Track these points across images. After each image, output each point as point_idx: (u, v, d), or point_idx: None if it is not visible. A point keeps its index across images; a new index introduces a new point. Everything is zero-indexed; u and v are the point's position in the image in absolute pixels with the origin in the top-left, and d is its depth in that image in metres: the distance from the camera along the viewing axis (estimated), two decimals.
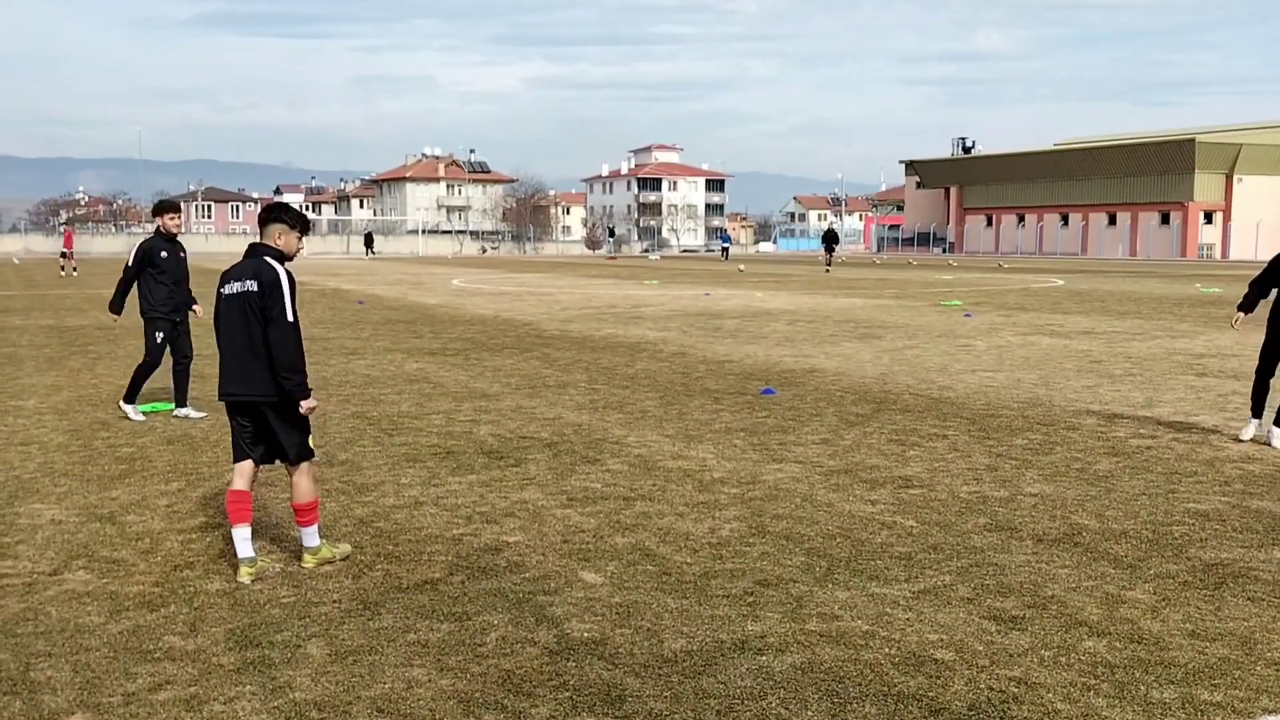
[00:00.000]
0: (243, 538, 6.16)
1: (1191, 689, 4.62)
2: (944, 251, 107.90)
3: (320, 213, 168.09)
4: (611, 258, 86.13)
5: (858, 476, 8.54)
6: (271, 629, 5.35)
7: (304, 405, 6.25)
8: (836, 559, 6.44)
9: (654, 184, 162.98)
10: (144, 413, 11.45)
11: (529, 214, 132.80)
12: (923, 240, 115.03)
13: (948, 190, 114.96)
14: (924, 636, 5.21)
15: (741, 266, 48.87)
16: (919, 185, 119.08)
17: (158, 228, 11.29)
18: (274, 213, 6.42)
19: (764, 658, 4.97)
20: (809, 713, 4.43)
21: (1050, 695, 4.57)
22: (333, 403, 12.21)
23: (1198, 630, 5.28)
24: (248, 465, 6.38)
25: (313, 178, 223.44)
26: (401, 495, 7.99)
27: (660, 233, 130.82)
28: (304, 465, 6.39)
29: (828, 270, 51.79)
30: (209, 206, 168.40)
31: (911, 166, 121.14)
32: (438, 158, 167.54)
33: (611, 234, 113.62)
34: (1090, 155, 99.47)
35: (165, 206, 11.45)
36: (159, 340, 11.26)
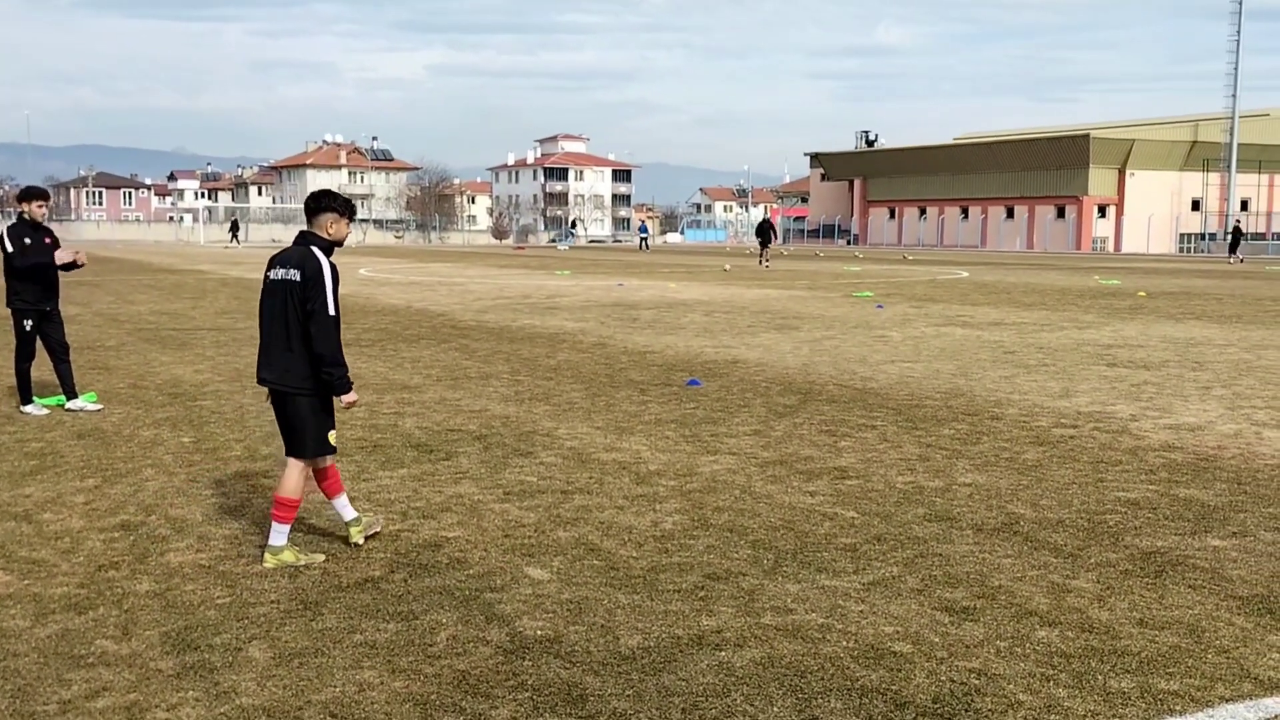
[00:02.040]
0: (341, 505, 6.43)
1: (1148, 678, 4.67)
2: (849, 243, 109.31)
3: (216, 200, 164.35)
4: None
5: (793, 468, 8.53)
6: (209, 631, 5.14)
7: (345, 399, 6.22)
8: (783, 551, 6.41)
9: (560, 174, 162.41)
10: (47, 405, 10.99)
11: (434, 203, 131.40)
12: (828, 232, 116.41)
13: (852, 183, 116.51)
14: (880, 629, 5.20)
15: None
16: (824, 177, 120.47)
17: (21, 214, 10.79)
18: (323, 201, 6.29)
19: (723, 653, 4.91)
20: (774, 709, 4.38)
21: (1011, 686, 4.58)
22: (248, 395, 11.86)
23: (1145, 619, 5.35)
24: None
25: (208, 164, 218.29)
26: None
27: (569, 222, 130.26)
28: (300, 463, 6.27)
29: (765, 265, 46.47)
30: (100, 193, 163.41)
31: (816, 159, 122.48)
32: (339, 145, 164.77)
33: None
34: (989, 150, 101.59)
35: (34, 193, 10.97)
36: (28, 328, 10.77)
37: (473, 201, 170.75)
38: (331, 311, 6.06)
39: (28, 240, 10.68)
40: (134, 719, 4.25)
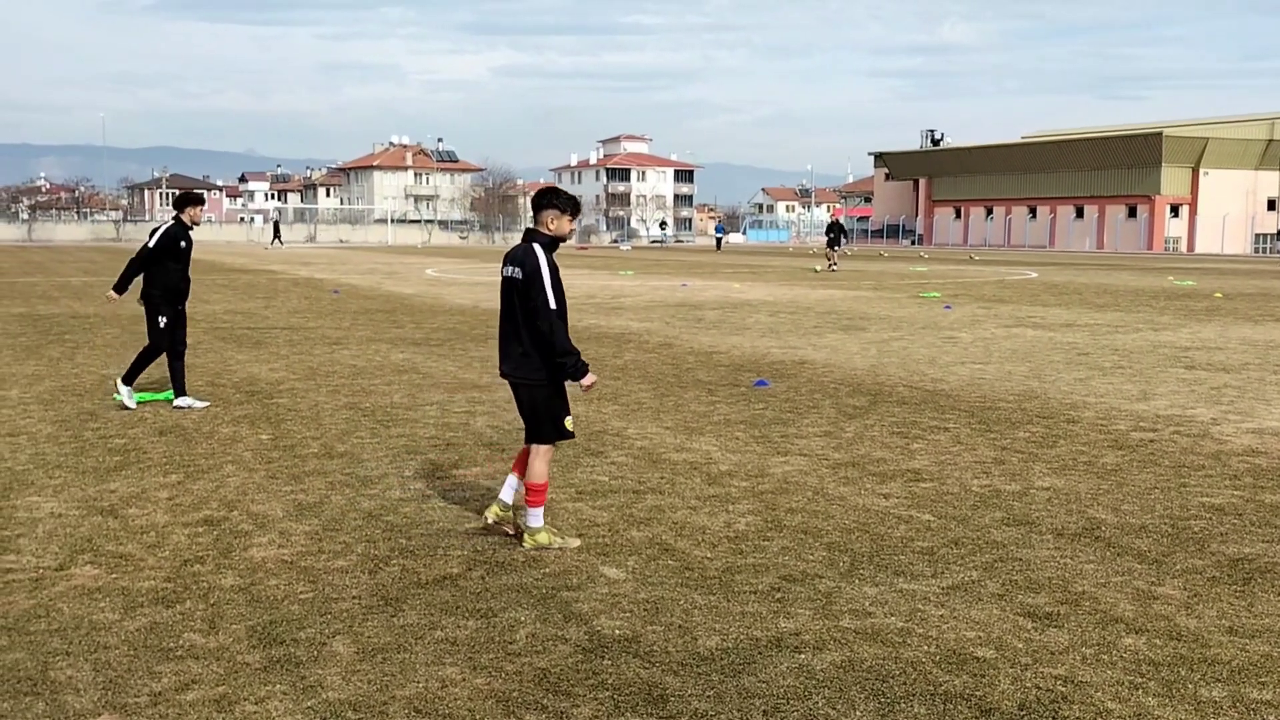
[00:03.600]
0: (508, 485, 6.66)
1: (1239, 687, 4.57)
2: (913, 243, 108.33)
3: (286, 201, 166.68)
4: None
5: (866, 470, 8.47)
6: (293, 626, 5.21)
7: (583, 383, 6.39)
8: (859, 554, 6.36)
9: (623, 174, 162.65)
10: (139, 401, 11.23)
11: (497, 203, 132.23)
12: (892, 232, 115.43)
13: (916, 182, 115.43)
14: (961, 634, 5.14)
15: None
16: (888, 177, 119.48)
17: (177, 217, 11.13)
18: (546, 198, 6.52)
19: (803, 656, 4.88)
20: (856, 713, 4.35)
21: (1099, 694, 4.51)
22: (323, 393, 12.03)
23: (1234, 627, 5.24)
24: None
25: (278, 165, 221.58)
26: (407, 488, 7.85)
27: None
28: (542, 448, 6.49)
29: (833, 268, 44.22)
30: (173, 194, 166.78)
31: (880, 158, 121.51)
32: (405, 146, 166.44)
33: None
34: (1058, 148, 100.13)
35: (195, 199, 11.39)
36: (162, 326, 11.03)
37: None
38: (553, 304, 6.28)
39: (183, 244, 11.11)
40: (223, 711, 4.32)
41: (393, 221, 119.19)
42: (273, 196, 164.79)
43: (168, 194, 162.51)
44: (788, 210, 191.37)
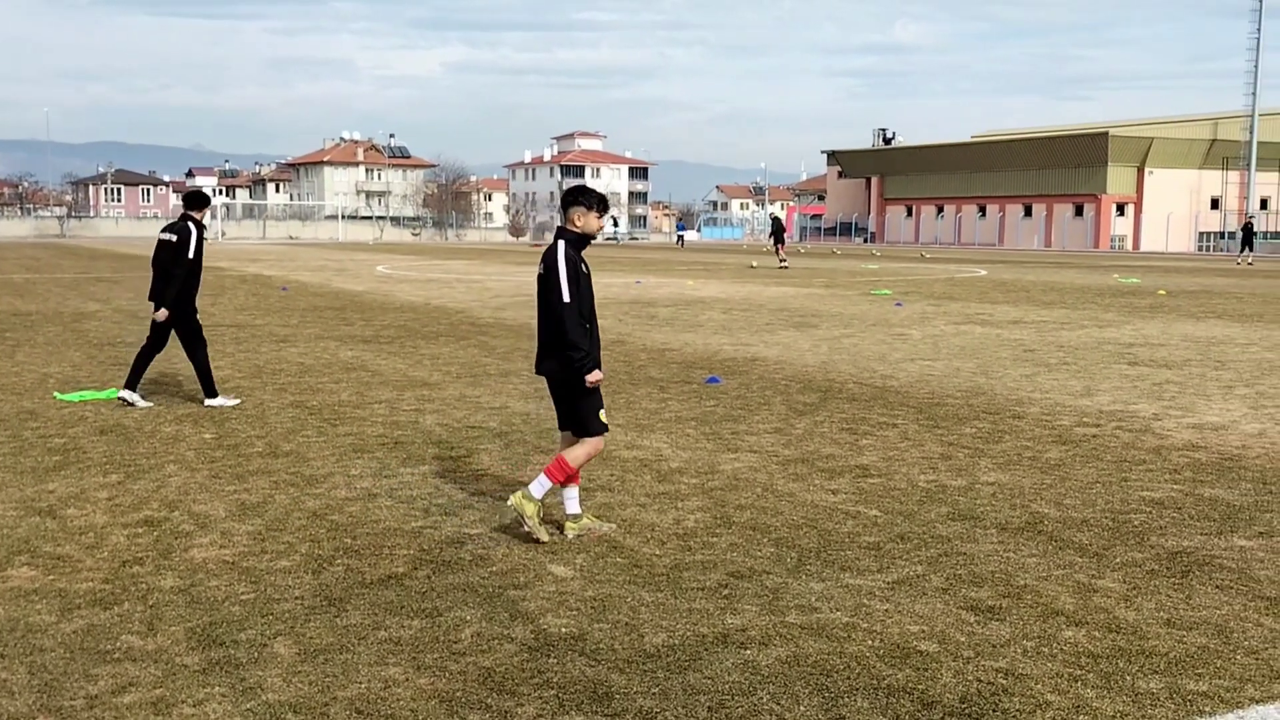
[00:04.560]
0: (570, 497, 6.67)
1: (1176, 679, 4.63)
2: (866, 241, 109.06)
3: (234, 197, 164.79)
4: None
5: (815, 466, 8.50)
6: (234, 627, 5.14)
7: (589, 379, 6.44)
8: (806, 549, 6.39)
9: (577, 171, 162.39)
10: (70, 401, 11.05)
11: (451, 200, 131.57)
12: (844, 230, 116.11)
13: (869, 180, 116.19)
14: (905, 628, 5.17)
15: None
16: (841, 175, 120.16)
17: (192, 218, 10.91)
18: (573, 195, 6.63)
19: (748, 651, 4.89)
20: (801, 708, 4.36)
21: (1039, 686, 4.55)
22: (269, 391, 11.90)
23: (1173, 619, 5.31)
24: (568, 434, 6.73)
25: (226, 161, 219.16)
26: (353, 487, 7.78)
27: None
28: (589, 440, 6.56)
29: (783, 265, 44.65)
30: (119, 190, 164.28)
31: (833, 156, 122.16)
32: (356, 142, 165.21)
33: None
34: (1007, 148, 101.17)
35: (206, 199, 11.25)
36: (162, 323, 10.94)
37: (489, 199, 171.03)
38: (566, 298, 6.36)
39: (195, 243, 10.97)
40: (161, 714, 4.26)
41: (344, 218, 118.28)
42: (221, 192, 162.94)
43: (112, 189, 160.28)
44: (742, 208, 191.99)
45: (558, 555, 6.27)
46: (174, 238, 10.80)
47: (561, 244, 6.53)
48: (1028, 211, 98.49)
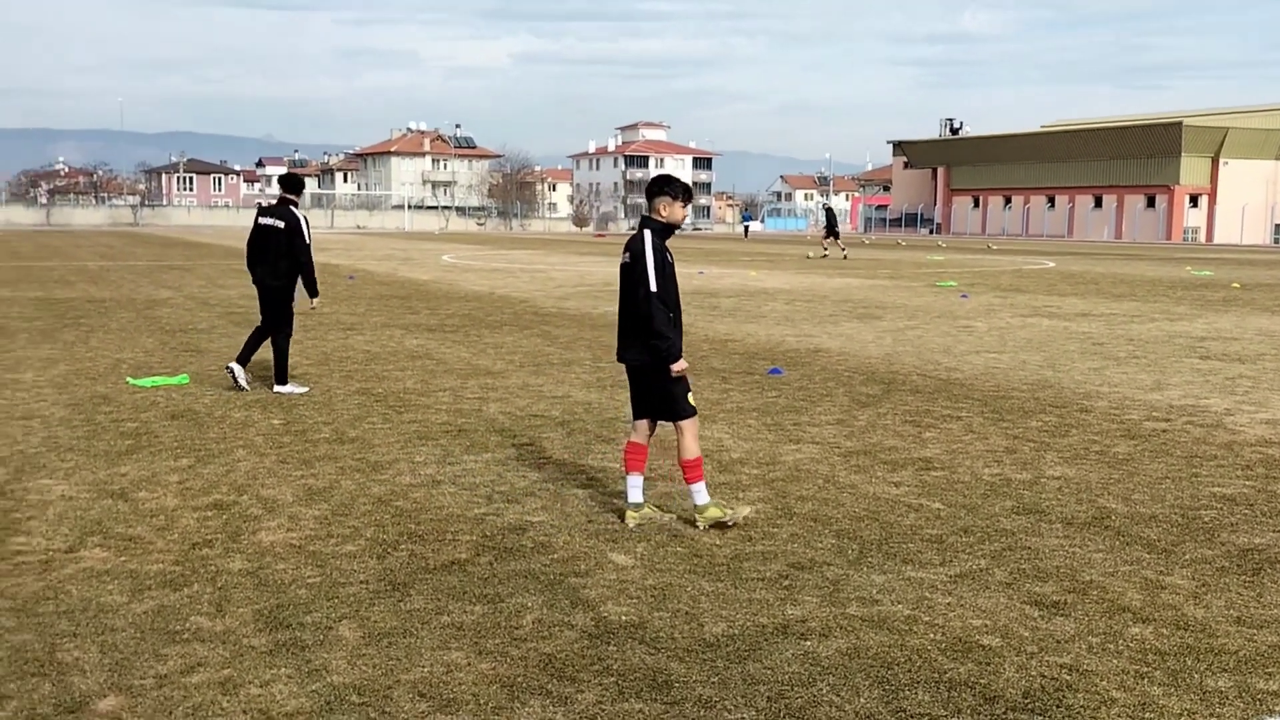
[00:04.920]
0: (634, 485, 6.68)
1: (1246, 677, 4.54)
2: (931, 232, 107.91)
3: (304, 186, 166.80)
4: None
5: (877, 458, 8.45)
6: (300, 610, 5.23)
7: (674, 368, 6.48)
8: (868, 542, 6.35)
9: (641, 161, 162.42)
10: (143, 386, 11.27)
11: (516, 190, 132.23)
12: (910, 221, 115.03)
13: (935, 171, 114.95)
14: (968, 622, 5.13)
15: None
16: (906, 166, 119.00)
17: (295, 202, 11.17)
18: (658, 185, 6.65)
19: (808, 643, 4.88)
20: (861, 700, 4.34)
21: (1104, 683, 4.49)
22: (336, 379, 12.06)
23: (1243, 617, 5.21)
24: (643, 422, 6.80)
25: (295, 151, 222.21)
26: (418, 474, 7.86)
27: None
28: (685, 423, 6.58)
29: (825, 254, 44.21)
30: (190, 179, 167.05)
31: (899, 147, 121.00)
32: (423, 132, 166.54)
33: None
34: (1077, 138, 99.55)
35: (304, 184, 11.52)
36: (288, 307, 11.28)
37: (554, 189, 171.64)
38: (653, 286, 6.39)
39: None
40: (228, 694, 4.34)
41: (410, 207, 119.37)
42: None
43: (184, 178, 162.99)
44: (806, 198, 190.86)
45: (618, 544, 6.29)
46: (281, 224, 11.00)
47: (647, 233, 6.55)
48: (1098, 203, 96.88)
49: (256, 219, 11.26)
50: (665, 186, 6.64)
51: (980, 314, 20.41)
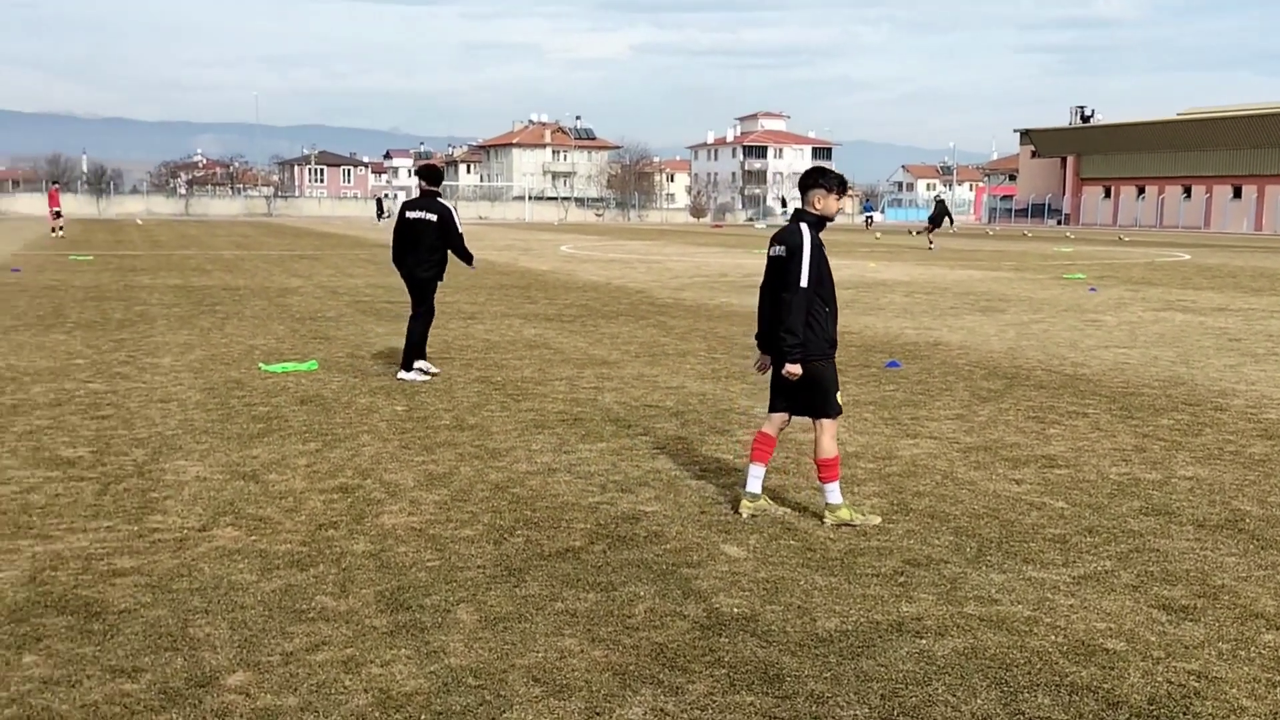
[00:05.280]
0: (754, 475, 6.62)
1: None
2: (1059, 223, 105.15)
3: None
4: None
5: (998, 454, 8.28)
6: (420, 592, 5.35)
7: (788, 367, 6.41)
8: (987, 540, 6.23)
9: (760, 152, 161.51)
10: (274, 372, 11.63)
11: (634, 181, 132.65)
12: (1037, 211, 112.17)
13: (1064, 160, 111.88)
14: (1091, 624, 5.00)
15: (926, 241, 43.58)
16: (1034, 155, 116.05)
17: (434, 194, 11.49)
18: (812, 177, 6.55)
19: (924, 641, 4.81)
20: (978, 701, 4.27)
21: (1234, 690, 4.34)
22: (456, 366, 12.27)
23: None
24: (779, 415, 6.75)
25: (421, 143, 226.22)
26: (534, 461, 7.96)
27: (765, 201, 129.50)
28: (825, 422, 6.54)
29: (924, 242, 45.01)
30: (321, 170, 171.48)
31: (1027, 135, 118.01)
32: (544, 124, 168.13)
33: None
34: (1215, 125, 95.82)
35: (443, 175, 11.83)
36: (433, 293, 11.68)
37: (671, 180, 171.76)
38: (804, 282, 6.31)
39: None
40: (350, 673, 4.46)
41: (530, 198, 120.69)
42: (414, 174, 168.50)
43: (316, 170, 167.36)
44: (928, 188, 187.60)
45: (731, 535, 6.29)
46: (434, 217, 11.26)
47: (805, 227, 6.44)
48: (1236, 193, 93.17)
49: (403, 212, 11.50)
50: (820, 179, 6.52)
51: (1110, 307, 19.83)
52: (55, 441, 8.36)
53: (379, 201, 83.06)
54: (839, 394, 6.64)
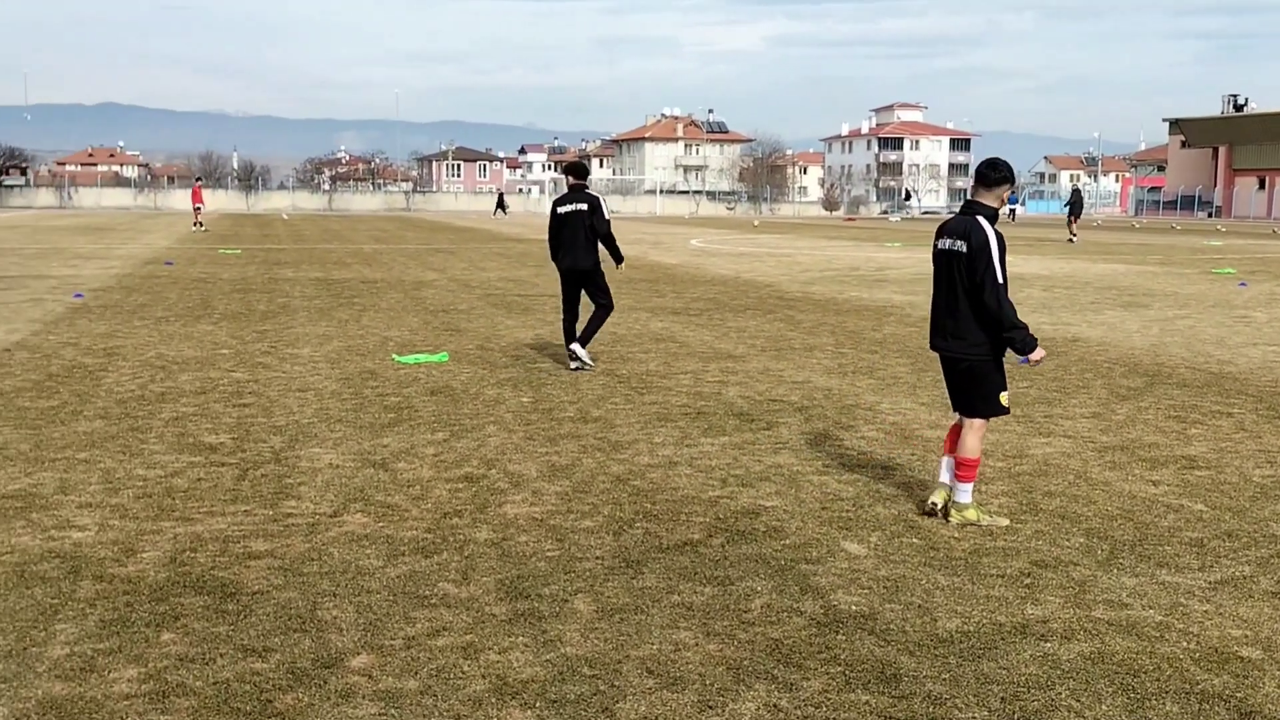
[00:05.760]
0: (946, 467, 6.53)
1: None
2: (1210, 216, 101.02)
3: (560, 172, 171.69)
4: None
5: (1135, 454, 8.01)
6: (539, 581, 5.42)
7: (1033, 357, 6.37)
8: (1120, 542, 6.04)
9: (895, 144, 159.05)
10: (406, 363, 11.92)
11: (766, 174, 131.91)
12: (1186, 203, 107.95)
13: (1215, 151, 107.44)
14: (1226, 631, 4.81)
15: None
16: (1184, 145, 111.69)
17: (584, 187, 11.76)
18: (999, 171, 6.43)
19: (1048, 644, 4.69)
20: (1103, 706, 4.14)
21: None
22: None
23: None
24: (961, 415, 6.65)
25: (555, 138, 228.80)
26: (655, 454, 8.00)
27: (902, 193, 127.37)
28: (977, 422, 6.49)
29: (1071, 240, 42.82)
30: (458, 166, 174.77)
31: (1176, 125, 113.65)
32: (676, 118, 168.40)
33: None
34: None
35: (589, 170, 12.14)
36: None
37: (804, 172, 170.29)
38: (999, 279, 6.21)
39: None
40: (469, 659, 4.55)
41: (661, 192, 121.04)
42: (549, 168, 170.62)
43: (453, 166, 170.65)
44: (1072, 180, 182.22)
45: (852, 532, 6.22)
46: (585, 205, 11.51)
47: (984, 221, 6.31)
48: None
49: (555, 210, 11.74)
50: (1009, 174, 6.38)
51: (1261, 303, 18.99)
52: (199, 428, 8.71)
53: (500, 196, 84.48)
54: (1004, 394, 6.47)
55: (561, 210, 11.62)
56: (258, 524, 6.29)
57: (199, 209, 49.05)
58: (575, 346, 11.56)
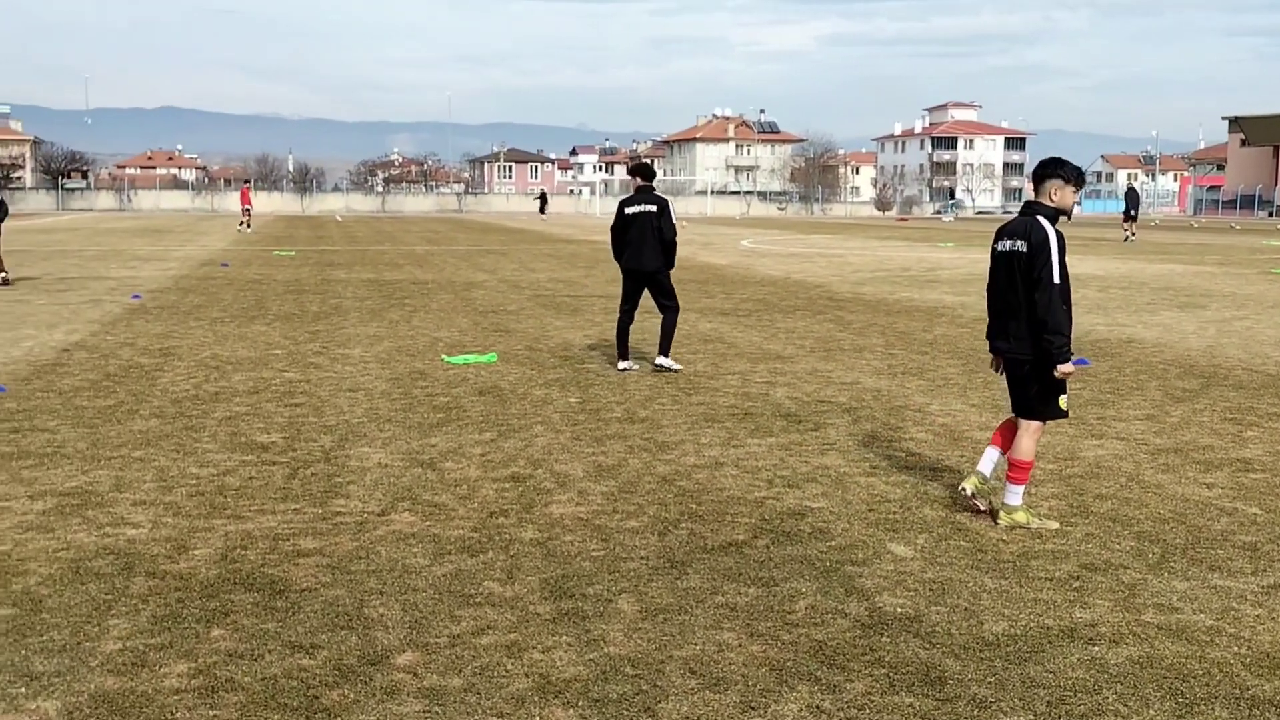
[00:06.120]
0: (988, 458, 6.52)
1: None
2: (1270, 215, 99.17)
3: (613, 173, 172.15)
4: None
5: (1189, 457, 7.89)
6: (583, 581, 5.44)
7: (1060, 369, 6.22)
8: (1171, 546, 5.95)
9: (949, 143, 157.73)
10: (455, 363, 12.00)
11: (817, 174, 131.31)
12: (1246, 203, 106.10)
13: (1276, 149, 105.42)
14: (1278, 636, 4.72)
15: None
16: (1244, 143, 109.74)
17: (650, 189, 11.78)
18: (1049, 168, 6.37)
19: (1096, 648, 4.64)
20: (1150, 711, 4.09)
21: None
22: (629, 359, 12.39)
23: None
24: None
25: (606, 139, 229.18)
26: (702, 455, 7.99)
27: (949, 194, 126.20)
28: (1034, 424, 6.43)
29: (1129, 239, 41.95)
30: (510, 167, 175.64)
31: (1236, 123, 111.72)
32: (727, 118, 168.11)
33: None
34: None
35: (655, 171, 12.09)
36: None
37: (856, 172, 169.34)
38: (1056, 279, 6.13)
39: None
40: (513, 657, 4.58)
41: (712, 193, 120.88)
42: (599, 169, 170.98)
43: (505, 167, 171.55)
44: (1130, 179, 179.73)
45: (898, 534, 6.18)
46: (654, 207, 11.54)
47: (1044, 221, 6.22)
48: None
49: (622, 209, 11.75)
50: (1059, 169, 6.28)
51: None
52: (251, 427, 8.83)
53: (542, 195, 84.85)
54: (1063, 397, 6.38)
55: (629, 211, 11.63)
56: (307, 522, 6.37)
57: (247, 210, 49.71)
58: (660, 360, 11.56)
